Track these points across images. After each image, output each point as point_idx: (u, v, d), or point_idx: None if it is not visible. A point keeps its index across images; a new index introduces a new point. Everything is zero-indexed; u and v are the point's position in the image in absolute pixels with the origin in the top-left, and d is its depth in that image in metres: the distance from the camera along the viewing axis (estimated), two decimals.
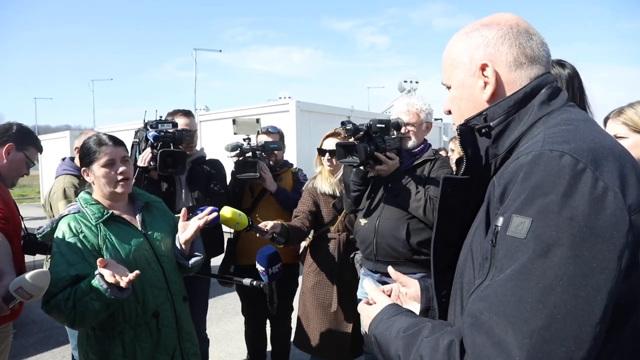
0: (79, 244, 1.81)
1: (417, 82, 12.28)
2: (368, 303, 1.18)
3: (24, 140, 2.43)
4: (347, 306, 2.82)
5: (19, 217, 2.28)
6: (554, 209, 0.75)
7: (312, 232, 2.99)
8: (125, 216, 1.97)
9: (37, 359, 4.06)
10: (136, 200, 2.08)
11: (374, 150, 2.37)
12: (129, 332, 1.85)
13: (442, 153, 6.15)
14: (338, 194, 2.88)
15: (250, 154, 2.93)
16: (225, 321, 4.82)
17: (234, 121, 2.90)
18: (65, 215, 1.91)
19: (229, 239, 3.16)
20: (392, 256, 2.48)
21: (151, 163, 2.62)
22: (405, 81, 12.00)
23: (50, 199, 3.07)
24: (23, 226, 2.32)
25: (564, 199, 0.75)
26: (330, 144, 2.95)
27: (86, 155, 1.94)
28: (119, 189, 1.93)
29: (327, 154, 2.94)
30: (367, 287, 1.22)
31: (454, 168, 3.47)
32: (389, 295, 1.32)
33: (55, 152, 11.52)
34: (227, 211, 2.23)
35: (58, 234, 1.84)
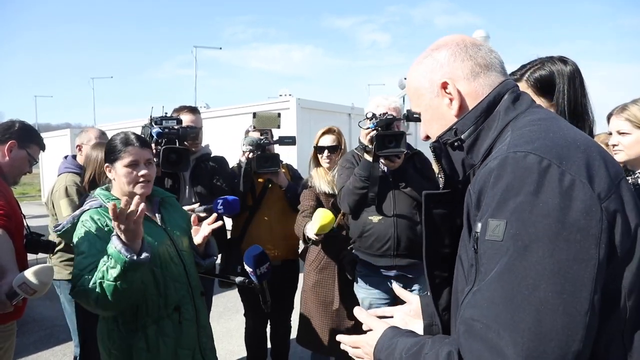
0: (105, 238, 1.75)
1: None
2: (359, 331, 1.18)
3: (27, 138, 2.41)
4: (348, 303, 2.83)
5: (20, 215, 2.28)
6: (525, 207, 0.78)
7: None
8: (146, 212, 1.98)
9: (38, 357, 4.07)
10: (153, 196, 2.08)
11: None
12: (151, 326, 1.85)
13: None
14: (337, 192, 2.87)
15: (249, 148, 2.89)
16: (226, 319, 4.82)
17: (254, 115, 2.88)
18: (87, 209, 1.88)
19: (230, 239, 3.13)
20: (411, 249, 2.54)
21: (154, 159, 2.62)
22: (406, 78, 11.92)
23: (52, 197, 3.07)
24: (25, 224, 2.31)
25: (534, 197, 0.78)
26: (328, 141, 2.96)
27: (111, 152, 1.93)
28: (138, 189, 1.91)
29: (326, 151, 2.94)
30: (359, 315, 1.22)
31: None
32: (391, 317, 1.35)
33: (55, 150, 11.52)
34: (328, 215, 2.35)
35: (83, 226, 1.81)
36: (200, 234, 2.05)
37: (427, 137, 1.15)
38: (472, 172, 1.04)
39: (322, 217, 2.34)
